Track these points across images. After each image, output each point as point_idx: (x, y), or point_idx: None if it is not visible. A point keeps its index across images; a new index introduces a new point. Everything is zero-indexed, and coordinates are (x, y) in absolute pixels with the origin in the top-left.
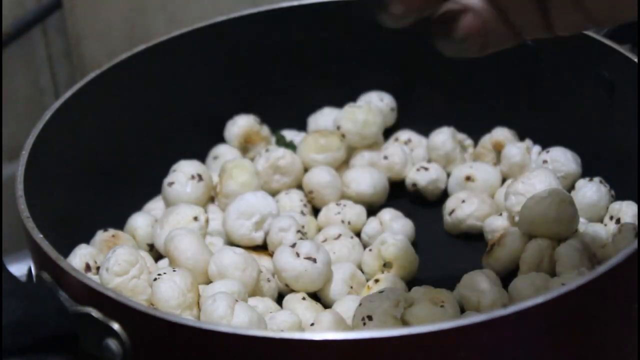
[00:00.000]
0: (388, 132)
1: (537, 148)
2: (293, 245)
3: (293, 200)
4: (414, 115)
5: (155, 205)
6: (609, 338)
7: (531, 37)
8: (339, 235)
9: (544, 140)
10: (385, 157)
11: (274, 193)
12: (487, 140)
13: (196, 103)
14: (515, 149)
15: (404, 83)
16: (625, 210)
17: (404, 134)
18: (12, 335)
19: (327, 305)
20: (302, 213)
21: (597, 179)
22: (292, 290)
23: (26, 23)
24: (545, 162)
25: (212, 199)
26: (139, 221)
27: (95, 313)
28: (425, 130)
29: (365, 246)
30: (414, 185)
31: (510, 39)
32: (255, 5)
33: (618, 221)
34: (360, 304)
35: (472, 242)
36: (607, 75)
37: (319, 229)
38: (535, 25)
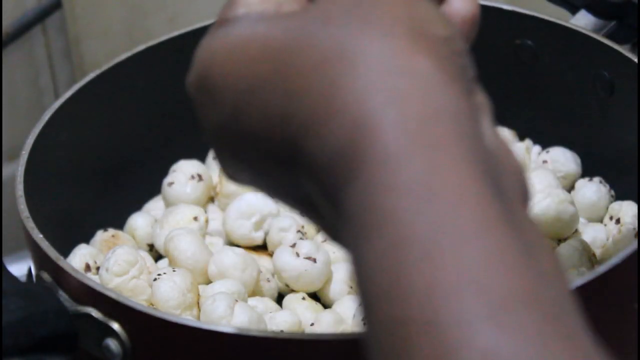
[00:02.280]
0: None
1: (537, 148)
2: (293, 245)
3: None
4: None
5: (155, 205)
6: (609, 338)
7: None
8: None
9: (544, 140)
10: None
11: None
12: None
13: None
14: (515, 149)
15: None
16: (625, 210)
17: None
18: (12, 335)
19: (327, 305)
20: None
21: (597, 179)
22: (292, 290)
23: (26, 23)
24: (545, 162)
25: (212, 199)
26: (139, 221)
27: (95, 313)
28: None
29: None
30: None
31: None
32: None
33: (618, 221)
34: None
35: None
36: (607, 75)
37: (319, 229)
38: None
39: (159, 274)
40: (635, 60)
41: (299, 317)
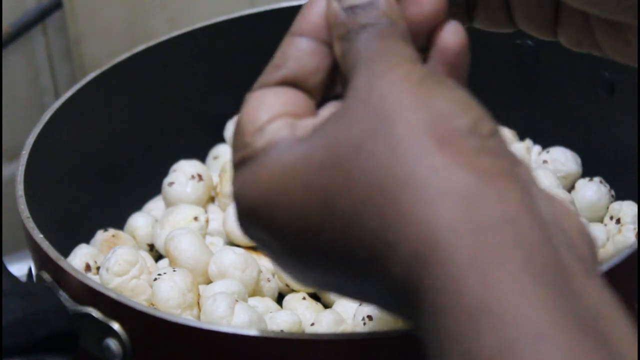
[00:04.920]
0: None
1: (537, 148)
2: None
3: None
4: None
5: (155, 205)
6: None
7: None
8: None
9: (544, 140)
10: None
11: None
12: None
13: (196, 103)
14: (515, 149)
15: None
16: (625, 210)
17: None
18: (12, 335)
19: (327, 305)
20: None
21: (597, 179)
22: (292, 290)
23: (26, 23)
24: (545, 162)
25: (212, 199)
26: (139, 221)
27: (95, 313)
28: None
29: None
30: None
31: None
32: (255, 5)
33: (618, 221)
34: (360, 304)
35: None
36: (607, 75)
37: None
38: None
39: (159, 274)
40: None
41: (299, 317)
